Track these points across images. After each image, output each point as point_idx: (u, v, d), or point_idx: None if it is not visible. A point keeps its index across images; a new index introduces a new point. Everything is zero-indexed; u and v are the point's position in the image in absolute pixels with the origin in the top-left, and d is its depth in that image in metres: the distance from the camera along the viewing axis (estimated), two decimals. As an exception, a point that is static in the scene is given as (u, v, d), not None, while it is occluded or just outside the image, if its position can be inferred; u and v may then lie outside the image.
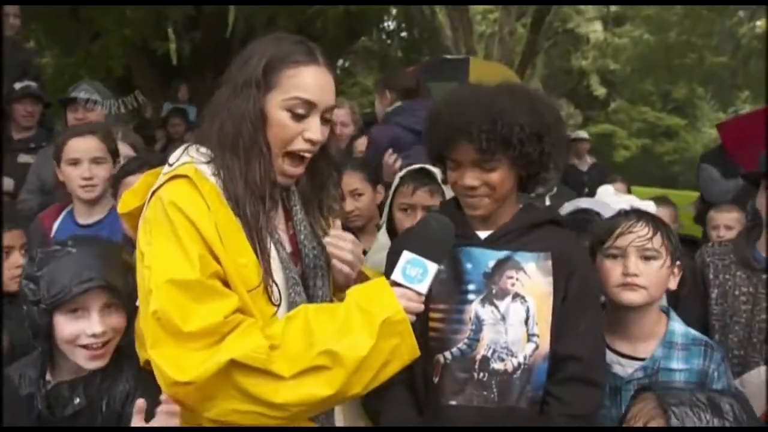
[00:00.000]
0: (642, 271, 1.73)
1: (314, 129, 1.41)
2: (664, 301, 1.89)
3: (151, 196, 1.38)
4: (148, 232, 1.34)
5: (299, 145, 1.41)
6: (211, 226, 1.31)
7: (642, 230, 1.74)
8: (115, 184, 2.38)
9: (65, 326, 1.55)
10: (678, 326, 1.79)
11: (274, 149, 1.41)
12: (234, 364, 1.24)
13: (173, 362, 1.25)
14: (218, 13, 6.77)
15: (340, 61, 12.29)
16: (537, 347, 1.58)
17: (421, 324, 1.57)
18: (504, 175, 1.58)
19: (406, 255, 1.38)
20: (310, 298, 1.49)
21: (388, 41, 13.05)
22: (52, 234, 2.44)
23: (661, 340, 1.76)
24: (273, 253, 1.40)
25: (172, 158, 1.44)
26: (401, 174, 2.38)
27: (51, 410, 1.58)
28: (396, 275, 1.38)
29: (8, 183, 3.51)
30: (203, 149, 1.42)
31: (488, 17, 18.85)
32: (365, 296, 1.35)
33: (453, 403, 1.60)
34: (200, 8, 6.12)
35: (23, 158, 3.93)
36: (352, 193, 2.53)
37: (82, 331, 1.56)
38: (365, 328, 1.29)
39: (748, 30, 13.43)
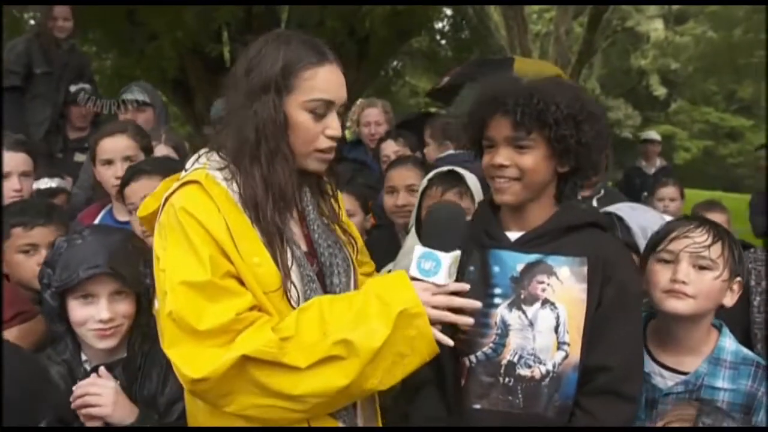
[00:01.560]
0: (692, 280, 1.61)
1: (334, 126, 1.44)
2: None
3: (165, 202, 1.42)
4: (163, 237, 1.39)
5: (323, 143, 1.44)
6: (221, 227, 1.34)
7: (700, 236, 1.63)
8: (120, 191, 2.29)
9: (77, 311, 1.63)
10: (729, 343, 1.68)
11: (301, 149, 1.43)
12: (248, 360, 1.27)
13: (189, 360, 1.30)
14: (269, 14, 6.88)
15: (394, 63, 12.30)
16: (567, 356, 1.53)
17: (450, 325, 1.56)
18: (537, 160, 1.53)
19: (419, 249, 1.40)
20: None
21: (442, 41, 12.98)
22: (92, 233, 2.50)
23: (708, 356, 1.66)
24: (287, 251, 1.41)
25: (188, 164, 1.49)
26: (430, 176, 2.34)
27: None
28: (412, 271, 1.39)
29: (68, 182, 3.63)
30: (218, 155, 1.45)
31: (544, 16, 18.54)
32: (383, 287, 1.35)
33: (477, 406, 1.58)
34: (251, 10, 6.22)
35: (79, 157, 4.11)
36: (408, 188, 2.49)
37: (91, 316, 1.62)
38: (381, 318, 1.30)
39: (821, 26, 12.76)
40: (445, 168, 2.34)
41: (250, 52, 1.43)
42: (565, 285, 1.54)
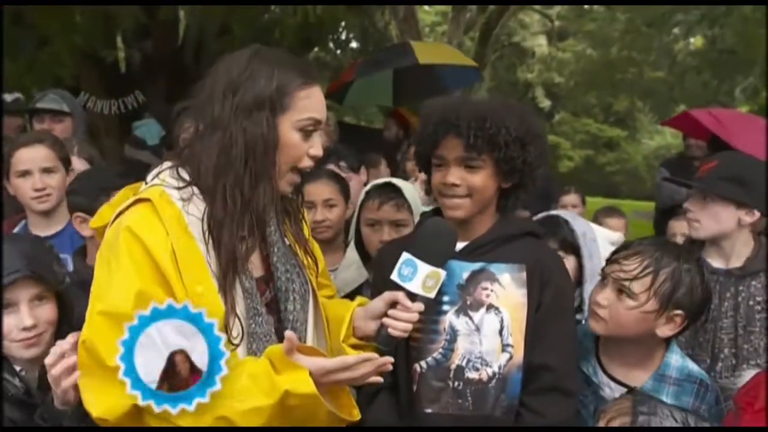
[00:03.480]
0: (610, 305, 1.69)
1: (318, 145, 1.45)
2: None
3: (116, 218, 1.37)
4: (102, 257, 1.35)
5: (306, 162, 1.44)
6: (166, 252, 1.30)
7: (629, 266, 1.68)
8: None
9: None
10: (675, 359, 1.74)
11: (282, 168, 1.41)
12: (144, 409, 1.23)
13: (94, 395, 1.27)
14: (170, 21, 6.66)
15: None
16: (511, 357, 1.63)
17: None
18: (486, 180, 1.62)
19: (404, 256, 1.48)
20: (281, 323, 1.47)
21: (337, 51, 13.06)
22: (6, 251, 2.36)
23: (654, 372, 1.72)
24: (236, 282, 1.36)
25: (148, 177, 1.43)
26: (367, 189, 2.37)
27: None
28: (393, 275, 1.47)
29: None
30: (178, 173, 1.40)
31: (436, 30, 19.09)
32: (277, 361, 1.28)
33: (429, 410, 1.64)
34: (153, 16, 6.00)
35: None
36: (325, 203, 2.48)
37: (13, 325, 1.55)
38: (266, 397, 1.23)
39: (684, 46, 14.01)
40: (381, 180, 2.37)
41: (231, 67, 1.38)
42: (507, 290, 1.64)
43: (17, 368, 1.59)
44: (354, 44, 13.02)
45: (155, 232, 1.31)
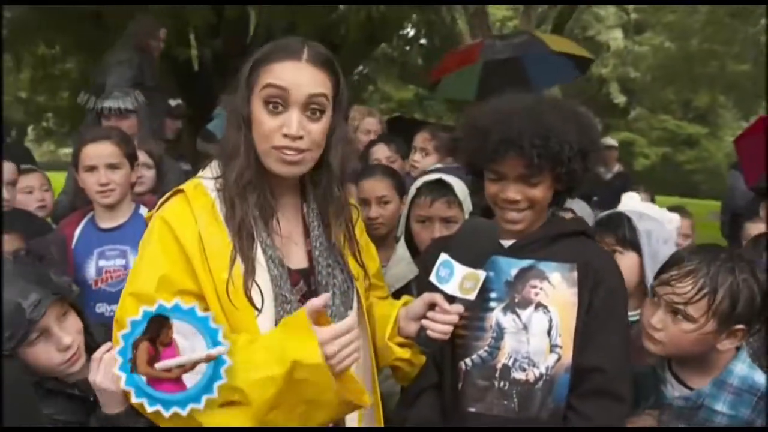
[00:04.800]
0: (666, 326, 1.59)
1: (290, 123, 1.36)
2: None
3: (157, 209, 1.45)
4: (141, 244, 1.44)
5: (279, 141, 1.37)
6: (194, 239, 1.37)
7: (683, 288, 1.56)
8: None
9: (40, 355, 1.51)
10: (740, 368, 1.62)
11: (259, 147, 1.41)
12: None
13: None
14: (239, 19, 6.85)
15: (359, 67, 12.33)
16: (559, 358, 1.57)
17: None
18: (546, 191, 1.59)
19: (441, 257, 1.46)
20: None
21: (407, 47, 13.05)
22: (74, 241, 2.48)
23: (715, 378, 1.62)
24: (264, 271, 1.39)
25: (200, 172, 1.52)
26: (418, 185, 2.33)
27: None
28: (431, 276, 1.46)
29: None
30: (219, 164, 1.47)
31: (508, 24, 18.79)
32: (287, 332, 1.32)
33: (473, 410, 1.60)
34: (221, 15, 6.18)
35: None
36: (379, 200, 2.46)
37: (54, 351, 1.52)
38: (275, 366, 1.27)
39: (772, 38, 13.26)
40: (433, 176, 2.33)
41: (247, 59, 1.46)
42: (557, 289, 1.59)
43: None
44: (423, 40, 12.95)
45: (185, 221, 1.38)
